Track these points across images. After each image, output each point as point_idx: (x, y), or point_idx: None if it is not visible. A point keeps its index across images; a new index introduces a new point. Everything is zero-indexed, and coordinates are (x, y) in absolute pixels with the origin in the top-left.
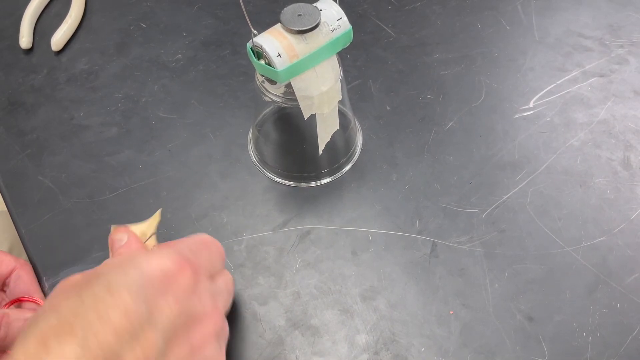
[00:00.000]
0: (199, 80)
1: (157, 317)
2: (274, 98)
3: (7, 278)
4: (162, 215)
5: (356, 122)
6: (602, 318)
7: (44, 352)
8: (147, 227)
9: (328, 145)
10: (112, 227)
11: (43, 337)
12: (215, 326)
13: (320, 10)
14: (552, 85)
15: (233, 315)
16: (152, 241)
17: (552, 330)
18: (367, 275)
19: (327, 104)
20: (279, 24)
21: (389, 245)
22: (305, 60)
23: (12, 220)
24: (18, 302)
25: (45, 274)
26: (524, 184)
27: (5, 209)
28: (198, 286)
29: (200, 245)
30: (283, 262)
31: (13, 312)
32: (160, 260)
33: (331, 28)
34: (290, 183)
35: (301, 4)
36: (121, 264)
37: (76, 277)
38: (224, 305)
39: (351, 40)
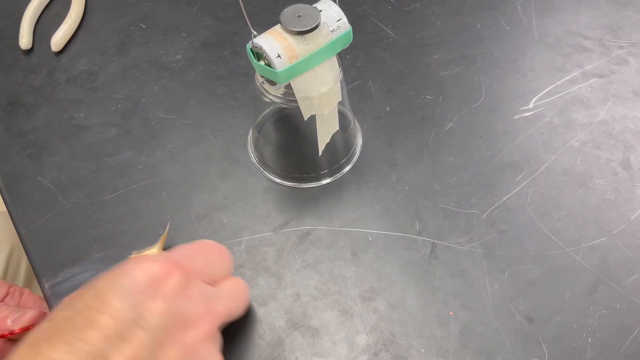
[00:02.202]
0: (199, 80)
1: (146, 318)
2: (274, 99)
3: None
4: (162, 216)
5: (356, 123)
6: (602, 319)
7: (34, 355)
8: (158, 248)
9: (328, 146)
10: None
11: (35, 342)
12: (210, 329)
13: (320, 11)
14: (552, 86)
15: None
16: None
17: (552, 331)
18: (367, 276)
19: (327, 105)
20: (279, 24)
21: (388, 246)
22: (305, 61)
23: (12, 221)
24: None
25: (45, 274)
26: (523, 184)
27: (5, 209)
28: (189, 288)
29: (197, 249)
30: (283, 263)
31: None
32: (148, 265)
33: (331, 29)
34: (290, 184)
35: (301, 5)
36: (111, 274)
37: (76, 291)
38: (225, 309)
39: (351, 41)
